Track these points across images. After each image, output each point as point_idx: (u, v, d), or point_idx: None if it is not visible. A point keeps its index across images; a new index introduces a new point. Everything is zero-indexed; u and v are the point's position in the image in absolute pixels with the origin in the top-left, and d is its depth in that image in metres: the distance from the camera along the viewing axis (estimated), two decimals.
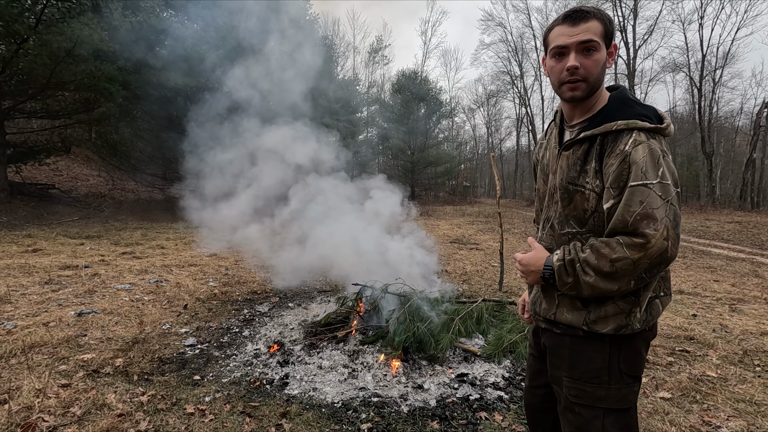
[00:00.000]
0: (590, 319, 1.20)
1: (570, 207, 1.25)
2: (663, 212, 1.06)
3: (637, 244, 1.06)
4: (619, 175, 1.11)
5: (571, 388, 1.25)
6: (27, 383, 2.59)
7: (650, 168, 1.08)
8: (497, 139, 43.20)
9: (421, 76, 28.43)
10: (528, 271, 1.27)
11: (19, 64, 9.97)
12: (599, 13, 1.18)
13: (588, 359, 1.23)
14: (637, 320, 1.18)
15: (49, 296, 4.53)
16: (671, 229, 1.06)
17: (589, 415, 1.22)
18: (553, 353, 1.33)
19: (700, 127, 22.15)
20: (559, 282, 1.18)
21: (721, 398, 2.67)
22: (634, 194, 1.08)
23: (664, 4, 22.95)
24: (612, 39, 1.20)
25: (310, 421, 2.35)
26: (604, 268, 1.10)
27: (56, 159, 14.18)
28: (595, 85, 1.20)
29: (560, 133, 1.36)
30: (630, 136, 1.12)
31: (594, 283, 1.12)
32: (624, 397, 1.21)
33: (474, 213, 20.03)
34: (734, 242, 10.75)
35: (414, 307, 3.41)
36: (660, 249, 1.06)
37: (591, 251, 1.13)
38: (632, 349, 1.21)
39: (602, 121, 1.17)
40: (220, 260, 6.95)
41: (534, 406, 1.53)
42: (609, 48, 1.20)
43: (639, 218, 1.06)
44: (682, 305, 4.85)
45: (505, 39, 31.41)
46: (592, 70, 1.17)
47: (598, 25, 1.17)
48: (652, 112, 1.16)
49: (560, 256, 1.19)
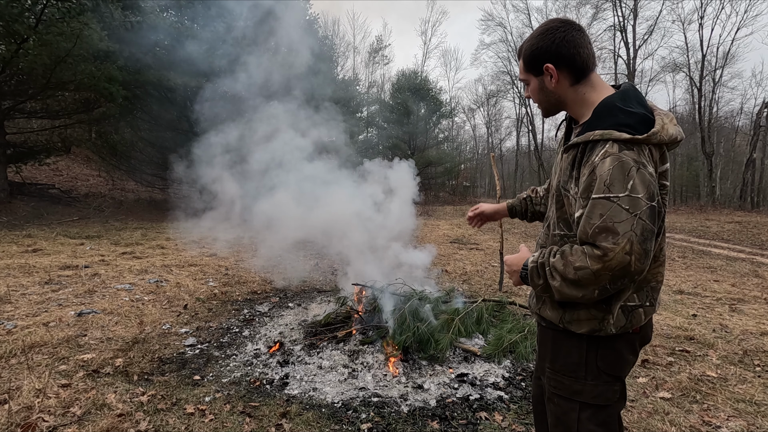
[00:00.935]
0: (566, 319, 1.25)
1: (561, 210, 1.28)
2: (628, 226, 1.04)
3: (595, 256, 1.07)
4: (587, 186, 1.11)
5: (552, 379, 1.32)
6: (27, 383, 2.59)
7: (616, 181, 1.06)
8: (497, 139, 43.17)
9: (421, 76, 28.42)
10: (511, 271, 1.32)
11: (19, 64, 9.96)
12: (522, 50, 1.29)
13: (567, 353, 1.28)
14: (612, 326, 1.20)
15: (49, 296, 4.53)
16: (636, 243, 1.04)
17: (567, 406, 1.28)
18: (540, 345, 1.42)
19: (700, 127, 22.15)
20: (531, 283, 1.23)
21: (721, 398, 2.67)
22: (596, 207, 1.08)
23: (664, 4, 22.97)
24: (539, 63, 1.24)
25: (310, 421, 2.35)
26: (569, 275, 1.12)
27: (56, 159, 14.18)
28: (548, 106, 1.32)
29: (567, 133, 1.38)
30: (603, 147, 1.11)
31: (560, 288, 1.14)
32: (600, 394, 1.24)
33: None
34: (734, 242, 10.75)
35: (414, 307, 3.41)
36: (621, 263, 1.04)
37: (560, 257, 1.15)
38: (611, 350, 1.23)
39: (587, 129, 1.18)
40: (220, 260, 6.95)
41: (536, 396, 1.58)
42: (541, 74, 1.26)
43: (597, 231, 1.07)
44: (682, 305, 4.85)
45: (505, 39, 31.37)
46: (534, 98, 1.33)
47: (521, 62, 1.29)
48: (638, 120, 1.12)
49: (534, 258, 1.23)
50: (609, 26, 24.77)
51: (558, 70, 1.22)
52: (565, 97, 1.27)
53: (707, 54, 21.91)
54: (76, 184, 15.65)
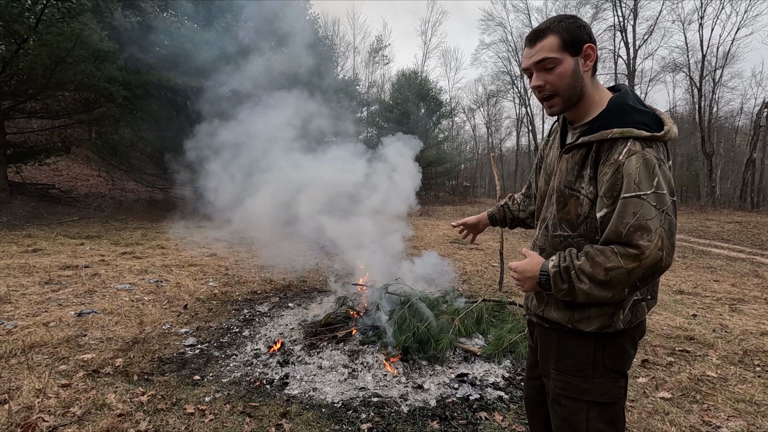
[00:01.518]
0: (575, 318, 1.24)
1: (564, 210, 1.26)
2: (657, 222, 1.06)
3: (631, 255, 1.06)
4: (612, 185, 1.11)
5: (558, 380, 1.30)
6: (27, 383, 2.59)
7: (644, 179, 1.07)
8: (497, 139, 43.20)
9: (421, 76, 28.42)
10: (524, 278, 1.27)
11: (19, 64, 9.95)
12: (557, 26, 1.18)
13: (573, 353, 1.27)
14: (621, 321, 1.20)
15: (49, 296, 4.53)
16: (665, 239, 1.06)
17: (574, 407, 1.26)
18: (542, 346, 1.39)
19: (700, 127, 22.15)
20: (554, 288, 1.19)
21: (721, 398, 2.67)
22: (627, 206, 1.08)
23: (664, 4, 22.99)
24: (579, 43, 1.17)
25: (310, 421, 2.35)
26: (599, 276, 1.10)
27: (56, 159, 14.15)
28: (572, 95, 1.21)
29: (563, 134, 1.36)
30: (624, 145, 1.11)
31: (588, 290, 1.12)
32: (608, 391, 1.24)
33: (474, 213, 19.97)
34: (734, 242, 10.75)
35: (414, 308, 3.41)
36: (654, 259, 1.06)
37: (586, 259, 1.13)
38: (617, 346, 1.24)
39: (600, 127, 1.16)
40: (220, 260, 6.95)
41: (531, 397, 1.56)
42: (580, 53, 1.18)
43: (632, 230, 1.07)
44: (682, 305, 4.85)
45: (505, 39, 31.41)
46: (559, 84, 1.19)
47: (554, 39, 1.17)
48: (651, 119, 1.14)
49: (556, 262, 1.19)
50: (609, 26, 24.81)
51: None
52: (586, 89, 1.22)
53: (707, 54, 21.95)
54: (76, 184, 15.65)
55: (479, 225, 1.83)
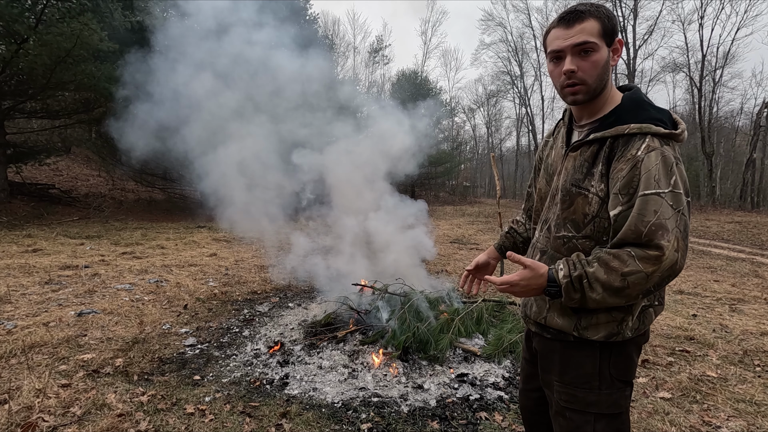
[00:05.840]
0: (581, 326, 1.17)
1: (569, 210, 1.20)
2: (674, 222, 1.01)
3: (651, 257, 1.00)
4: (629, 182, 1.05)
5: (562, 392, 1.23)
6: (27, 383, 2.59)
7: (663, 176, 1.03)
8: (497, 139, 43.21)
9: (421, 76, 28.43)
10: (529, 288, 1.13)
11: (19, 64, 9.95)
12: (597, 11, 1.11)
13: (578, 365, 1.20)
14: (629, 328, 1.15)
15: (49, 296, 4.53)
16: (681, 240, 1.01)
17: (580, 420, 1.20)
18: (543, 358, 1.31)
19: (700, 127, 22.14)
20: (566, 299, 1.10)
21: (721, 398, 2.67)
22: (648, 203, 1.02)
23: (664, 4, 23.00)
24: (614, 35, 1.14)
25: (310, 421, 2.35)
26: (615, 283, 1.02)
27: (56, 159, 14.16)
28: (598, 86, 1.15)
29: (568, 132, 1.31)
30: (643, 141, 1.06)
31: (601, 299, 1.05)
32: (615, 402, 1.19)
33: (474, 213, 20.02)
34: (734, 242, 10.76)
35: (414, 308, 3.41)
36: (672, 261, 1.00)
37: (599, 265, 1.05)
38: (623, 356, 1.19)
39: (614, 122, 1.12)
40: (220, 260, 6.95)
41: (529, 408, 1.51)
42: (612, 45, 1.14)
43: (654, 228, 1.00)
44: (682, 305, 4.85)
45: (505, 39, 31.48)
46: (591, 72, 1.12)
47: (595, 24, 1.10)
48: (667, 117, 1.11)
49: (566, 272, 1.09)
50: None
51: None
52: (608, 83, 1.17)
53: (707, 54, 21.94)
54: (76, 184, 15.65)
55: (489, 262, 1.59)
